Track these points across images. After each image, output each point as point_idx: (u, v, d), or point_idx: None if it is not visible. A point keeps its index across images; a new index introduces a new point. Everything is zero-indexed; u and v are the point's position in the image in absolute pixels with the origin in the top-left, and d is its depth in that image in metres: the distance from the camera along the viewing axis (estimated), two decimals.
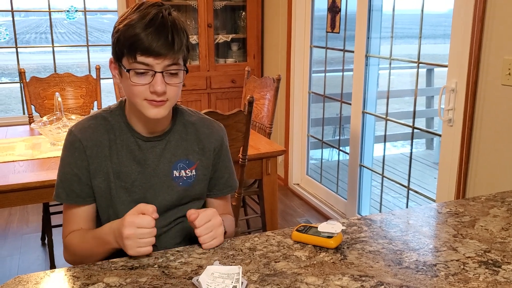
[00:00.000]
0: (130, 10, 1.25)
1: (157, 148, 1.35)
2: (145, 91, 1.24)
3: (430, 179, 4.82)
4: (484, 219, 1.39)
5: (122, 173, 1.33)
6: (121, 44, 1.23)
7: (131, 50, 1.21)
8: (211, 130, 1.43)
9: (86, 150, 1.31)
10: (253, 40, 4.32)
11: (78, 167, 1.32)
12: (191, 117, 1.42)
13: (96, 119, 1.35)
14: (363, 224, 1.36)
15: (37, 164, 2.23)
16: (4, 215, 3.65)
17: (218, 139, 1.43)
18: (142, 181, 1.34)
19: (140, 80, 1.23)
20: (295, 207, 3.82)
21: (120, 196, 1.33)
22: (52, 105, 3.00)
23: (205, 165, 1.41)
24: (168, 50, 1.21)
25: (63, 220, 1.38)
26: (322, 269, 1.13)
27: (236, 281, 1.02)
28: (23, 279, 1.09)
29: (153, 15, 1.21)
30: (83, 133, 1.32)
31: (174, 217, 1.39)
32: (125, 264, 1.16)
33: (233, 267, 1.06)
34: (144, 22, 1.20)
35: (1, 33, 4.29)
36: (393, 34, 3.05)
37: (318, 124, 4.01)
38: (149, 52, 1.20)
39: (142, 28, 1.20)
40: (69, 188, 1.33)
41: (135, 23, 1.20)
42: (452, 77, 2.42)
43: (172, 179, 1.36)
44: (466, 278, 1.09)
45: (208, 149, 1.41)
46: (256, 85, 3.11)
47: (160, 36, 1.20)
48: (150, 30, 1.19)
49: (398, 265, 1.14)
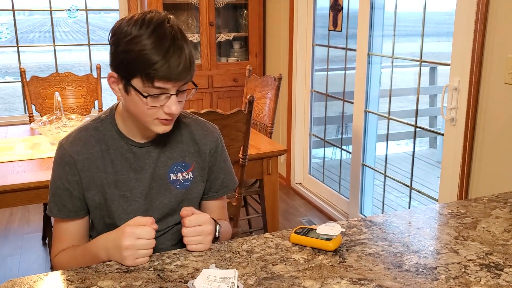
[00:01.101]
0: (134, 24, 1.16)
1: (152, 153, 1.33)
2: (158, 112, 1.21)
3: (433, 178, 4.78)
4: (486, 220, 1.37)
5: (120, 182, 1.31)
6: (134, 67, 1.16)
7: (149, 76, 1.16)
8: (206, 132, 1.41)
9: (77, 164, 1.28)
10: (255, 38, 4.30)
11: (69, 181, 1.29)
12: (185, 119, 1.40)
13: (86, 130, 1.32)
14: (363, 226, 1.34)
15: (36, 164, 2.22)
16: (5, 214, 3.64)
17: (213, 140, 1.41)
18: (141, 188, 1.32)
19: (155, 103, 1.20)
20: (297, 207, 3.80)
21: (119, 205, 1.31)
22: (52, 105, 2.99)
23: (201, 166, 1.39)
24: (187, 74, 1.19)
25: (53, 237, 1.36)
26: (321, 272, 1.11)
27: (232, 285, 1.00)
28: (16, 283, 1.08)
29: (168, 38, 1.15)
30: (73, 146, 1.29)
31: (173, 222, 1.37)
32: (120, 267, 1.15)
33: (229, 271, 1.04)
34: (162, 48, 1.14)
35: (2, 32, 4.28)
36: (395, 32, 3.02)
37: (321, 123, 3.99)
38: (168, 79, 1.16)
39: (161, 55, 1.13)
40: (61, 203, 1.31)
41: (151, 48, 1.13)
42: (455, 75, 2.40)
43: (169, 182, 1.34)
44: (467, 281, 1.06)
45: (204, 150, 1.39)
46: (257, 84, 3.09)
47: (180, 62, 1.15)
48: (170, 57, 1.14)
49: (397, 268, 1.12)
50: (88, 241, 1.37)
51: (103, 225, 1.35)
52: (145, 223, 1.18)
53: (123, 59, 1.17)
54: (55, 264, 1.33)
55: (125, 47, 1.16)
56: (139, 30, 1.15)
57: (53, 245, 1.35)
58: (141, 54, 1.14)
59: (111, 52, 1.21)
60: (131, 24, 1.16)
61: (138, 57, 1.14)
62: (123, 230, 1.17)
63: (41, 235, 3.27)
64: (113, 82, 1.23)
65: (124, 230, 1.17)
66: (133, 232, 1.16)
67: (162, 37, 1.14)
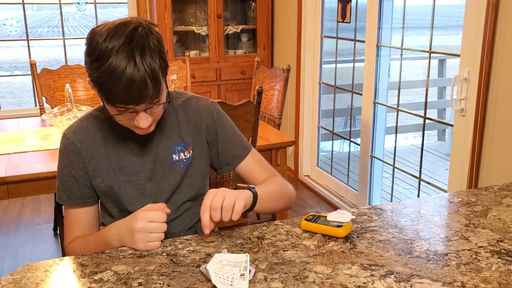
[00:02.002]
0: (97, 46, 1.13)
1: (152, 136, 1.34)
2: (130, 122, 1.23)
3: (441, 170, 4.77)
4: (497, 208, 1.37)
5: (124, 168, 1.33)
6: (97, 88, 1.17)
7: (109, 100, 1.17)
8: (198, 107, 1.40)
9: (81, 152, 1.31)
10: (263, 30, 4.29)
11: (75, 169, 1.32)
12: (179, 100, 1.40)
13: (87, 119, 1.35)
14: (373, 214, 1.35)
15: (48, 155, 2.24)
16: (17, 206, 3.68)
17: (207, 114, 1.40)
18: (145, 171, 1.35)
19: (124, 117, 1.21)
20: (305, 199, 3.81)
21: (126, 190, 1.34)
22: (63, 97, 3.01)
23: (199, 143, 1.40)
24: (145, 97, 1.16)
25: (65, 225, 1.39)
26: (331, 258, 1.11)
27: (244, 269, 1.01)
28: (32, 267, 1.10)
29: (122, 66, 1.11)
30: (76, 135, 1.33)
31: (181, 200, 1.39)
32: (133, 252, 1.16)
33: (241, 255, 1.05)
34: (116, 77, 1.11)
35: (12, 25, 4.30)
36: (404, 25, 3.01)
37: (329, 116, 3.99)
38: (128, 103, 1.16)
39: (115, 84, 1.12)
40: (69, 191, 1.34)
41: (106, 77, 1.12)
42: (465, 66, 2.39)
43: (173, 163, 1.36)
44: (478, 267, 1.07)
45: (200, 126, 1.39)
46: (266, 75, 3.09)
47: (134, 89, 1.13)
48: (123, 87, 1.12)
49: (408, 255, 1.13)
50: (99, 229, 1.39)
51: (117, 210, 1.38)
52: (157, 208, 1.21)
53: (89, 75, 1.18)
54: (68, 252, 1.36)
55: (89, 66, 1.17)
56: (98, 56, 1.13)
57: (65, 233, 1.38)
58: (99, 80, 1.15)
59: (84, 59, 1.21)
60: (96, 45, 1.14)
61: (97, 81, 1.16)
62: (135, 214, 1.21)
63: (52, 225, 3.30)
64: (93, 87, 1.23)
65: (136, 213, 1.20)
66: (145, 215, 1.19)
67: (116, 67, 1.11)
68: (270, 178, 1.42)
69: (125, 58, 1.12)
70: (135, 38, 1.14)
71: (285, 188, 1.42)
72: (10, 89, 10.82)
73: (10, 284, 1.03)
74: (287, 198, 1.42)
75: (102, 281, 1.04)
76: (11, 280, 1.04)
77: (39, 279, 1.05)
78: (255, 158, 1.46)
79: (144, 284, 1.02)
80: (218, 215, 1.16)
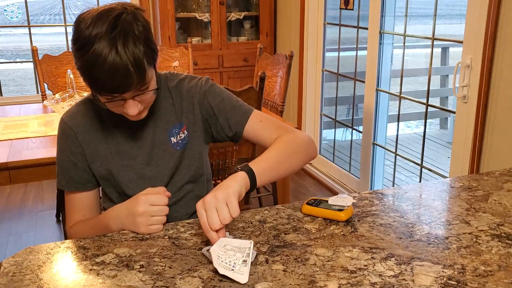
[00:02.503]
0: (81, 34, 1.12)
1: (148, 120, 1.33)
2: (120, 109, 1.22)
3: (443, 158, 4.77)
4: (498, 193, 1.37)
5: (122, 152, 1.33)
6: (82, 77, 1.15)
7: (95, 89, 1.16)
8: (189, 85, 1.38)
9: (78, 136, 1.31)
10: (265, 17, 4.27)
11: (73, 153, 1.32)
12: (173, 82, 1.38)
13: (84, 104, 1.35)
14: (375, 198, 1.35)
15: (50, 141, 2.24)
16: (20, 192, 3.70)
17: (196, 91, 1.37)
18: (143, 155, 1.35)
19: (113, 105, 1.20)
20: (307, 186, 3.81)
21: (125, 174, 1.34)
22: (64, 83, 3.01)
23: (192, 121, 1.37)
24: (131, 85, 1.14)
25: (66, 210, 1.39)
26: (332, 241, 1.12)
27: (246, 256, 1.01)
28: (34, 250, 1.10)
29: (105, 54, 1.09)
30: (73, 119, 1.32)
31: (180, 182, 1.39)
32: (135, 235, 1.17)
33: (245, 241, 1.05)
34: (99, 66, 1.10)
35: (13, 11, 4.29)
36: (407, 12, 2.99)
37: (332, 104, 3.98)
38: (113, 92, 1.15)
39: (99, 73, 1.11)
40: (68, 175, 1.34)
41: (89, 66, 1.11)
42: (468, 53, 2.38)
43: (171, 146, 1.36)
44: (478, 250, 1.07)
45: (191, 104, 1.37)
46: (269, 62, 3.09)
47: (118, 78, 1.11)
48: (107, 75, 1.11)
49: (409, 238, 1.13)
50: (100, 213, 1.39)
51: (116, 195, 1.38)
52: (158, 192, 1.21)
53: (75, 63, 1.16)
54: (69, 236, 1.37)
55: (74, 54, 1.15)
56: (82, 44, 1.12)
57: (67, 217, 1.39)
58: (82, 68, 1.14)
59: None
60: (80, 32, 1.13)
61: (81, 70, 1.14)
62: (136, 197, 1.20)
63: (55, 212, 3.32)
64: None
65: (137, 197, 1.20)
66: (146, 198, 1.18)
67: (98, 55, 1.10)
68: (278, 139, 1.30)
69: (107, 46, 1.09)
70: (119, 25, 1.11)
71: (293, 143, 1.29)
72: (12, 77, 10.81)
73: (12, 267, 1.03)
74: (299, 152, 1.30)
75: (104, 264, 1.04)
76: (13, 262, 1.05)
77: (40, 261, 1.06)
78: (258, 119, 1.37)
79: (146, 267, 1.03)
80: (220, 228, 1.06)
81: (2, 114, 2.75)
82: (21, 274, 1.00)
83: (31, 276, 1.00)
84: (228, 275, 0.96)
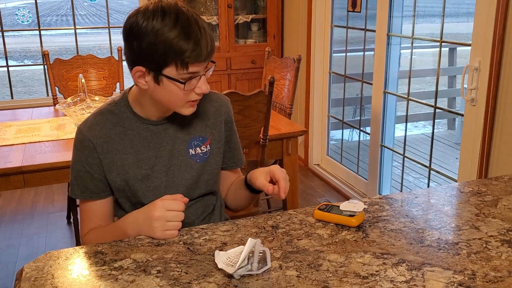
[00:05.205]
0: (153, 16, 1.19)
1: (169, 130, 1.37)
2: (190, 94, 1.27)
3: (451, 159, 4.78)
4: (507, 198, 1.39)
5: (141, 161, 1.35)
6: (166, 57, 1.20)
7: (183, 63, 1.21)
8: (219, 104, 1.46)
9: (97, 148, 1.32)
10: (273, 20, 4.30)
11: (90, 164, 1.33)
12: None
13: (102, 114, 1.36)
14: (385, 203, 1.37)
15: (62, 144, 2.28)
16: (31, 195, 3.74)
17: (226, 111, 1.47)
18: (161, 165, 1.37)
19: (189, 87, 1.26)
20: (315, 187, 3.83)
21: (142, 184, 1.36)
22: (75, 87, 3.04)
23: (217, 138, 1.44)
24: (213, 52, 1.26)
25: (80, 218, 1.41)
26: (344, 247, 1.14)
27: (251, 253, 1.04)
28: (54, 255, 1.13)
29: (192, 23, 1.20)
30: (92, 130, 1.33)
31: (195, 194, 1.42)
32: (151, 241, 1.19)
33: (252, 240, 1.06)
34: (190, 33, 1.19)
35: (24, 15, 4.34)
36: (415, 13, 3.01)
37: (339, 105, 4.00)
38: (200, 61, 1.23)
39: (191, 41, 1.19)
40: (83, 185, 1.35)
41: (179, 36, 1.18)
42: (476, 55, 2.39)
43: (189, 157, 1.39)
44: (488, 256, 1.09)
45: (219, 121, 1.44)
46: (277, 65, 3.11)
47: (207, 43, 1.22)
48: (199, 41, 1.20)
49: (419, 243, 1.15)
50: (113, 220, 1.42)
51: (129, 205, 1.39)
52: (175, 198, 1.24)
53: (152, 52, 1.20)
54: (84, 243, 1.38)
55: (152, 41, 1.19)
56: (162, 21, 1.18)
57: (81, 225, 1.41)
58: (172, 44, 1.18)
59: (131, 48, 1.23)
60: (150, 17, 1.19)
61: (170, 47, 1.19)
62: (154, 202, 1.23)
63: (65, 214, 3.36)
64: (140, 76, 1.26)
65: (155, 202, 1.23)
66: (163, 204, 1.21)
67: (186, 24, 1.20)
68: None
69: (190, 17, 1.22)
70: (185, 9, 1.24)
71: None
72: (20, 78, 10.89)
73: (33, 271, 1.06)
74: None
75: (122, 269, 1.07)
76: (34, 267, 1.08)
77: (60, 266, 1.09)
78: (238, 174, 1.57)
79: (163, 272, 1.05)
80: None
81: (14, 117, 2.79)
82: (43, 279, 1.03)
83: (52, 281, 1.03)
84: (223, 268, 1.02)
